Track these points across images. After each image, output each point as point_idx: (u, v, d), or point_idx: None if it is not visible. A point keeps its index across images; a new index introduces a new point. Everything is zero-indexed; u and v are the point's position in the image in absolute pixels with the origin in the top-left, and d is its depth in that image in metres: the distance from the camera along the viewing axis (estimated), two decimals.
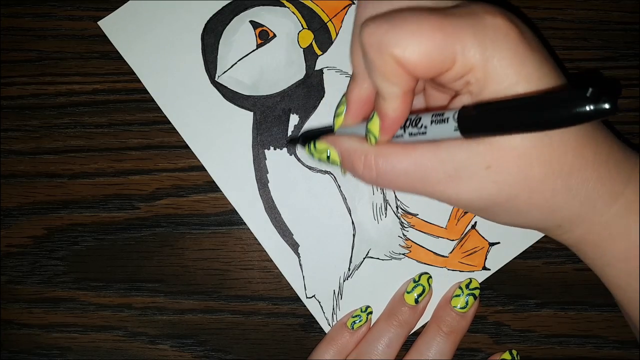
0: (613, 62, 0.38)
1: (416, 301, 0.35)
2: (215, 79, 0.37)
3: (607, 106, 0.20)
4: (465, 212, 0.37)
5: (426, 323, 0.36)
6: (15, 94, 0.38)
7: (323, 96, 0.37)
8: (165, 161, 0.37)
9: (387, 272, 0.36)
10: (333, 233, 0.37)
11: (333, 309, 0.36)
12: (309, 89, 0.37)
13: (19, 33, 0.38)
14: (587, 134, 0.26)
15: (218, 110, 0.37)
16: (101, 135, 0.37)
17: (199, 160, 0.37)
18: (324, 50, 0.37)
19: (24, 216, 0.37)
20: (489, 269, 0.36)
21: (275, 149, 0.37)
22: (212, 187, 0.37)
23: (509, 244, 0.37)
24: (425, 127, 0.26)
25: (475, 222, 0.37)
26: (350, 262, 0.37)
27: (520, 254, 0.37)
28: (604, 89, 0.20)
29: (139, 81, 0.37)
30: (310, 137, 0.32)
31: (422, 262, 0.37)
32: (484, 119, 0.24)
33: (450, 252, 0.37)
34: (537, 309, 0.37)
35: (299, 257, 0.37)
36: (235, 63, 0.37)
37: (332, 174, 0.37)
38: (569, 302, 0.37)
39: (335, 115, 0.31)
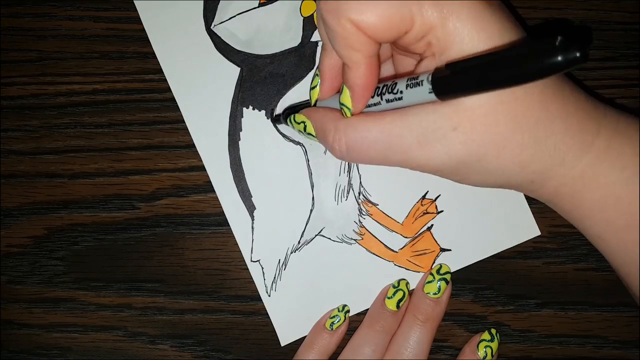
0: (613, 62, 0.38)
1: (397, 306, 0.35)
2: (211, 27, 0.37)
3: (577, 54, 0.19)
4: (425, 213, 0.37)
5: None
6: (15, 94, 0.38)
7: (312, 68, 0.37)
8: (165, 161, 0.37)
9: (335, 253, 0.37)
10: (291, 204, 0.37)
11: (274, 277, 0.36)
12: (301, 59, 0.37)
13: (19, 33, 0.38)
14: (553, 87, 0.26)
15: (207, 58, 0.37)
16: (101, 135, 0.37)
17: (199, 160, 0.37)
18: None
19: (24, 216, 0.37)
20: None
21: (254, 109, 0.37)
22: (212, 187, 0.37)
23: (459, 253, 0.37)
24: (401, 92, 0.26)
25: (432, 225, 0.37)
26: (302, 236, 0.37)
27: (520, 254, 0.37)
28: (573, 37, 0.19)
29: (140, 81, 0.37)
30: (292, 110, 0.33)
31: (371, 252, 0.37)
32: (457, 79, 0.24)
33: (401, 249, 0.37)
34: (537, 309, 0.37)
35: (252, 219, 0.37)
36: (234, 16, 0.37)
37: (303, 146, 0.37)
38: (569, 302, 0.37)
39: (311, 88, 0.32)
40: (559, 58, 0.19)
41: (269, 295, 0.36)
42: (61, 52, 0.38)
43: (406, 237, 0.37)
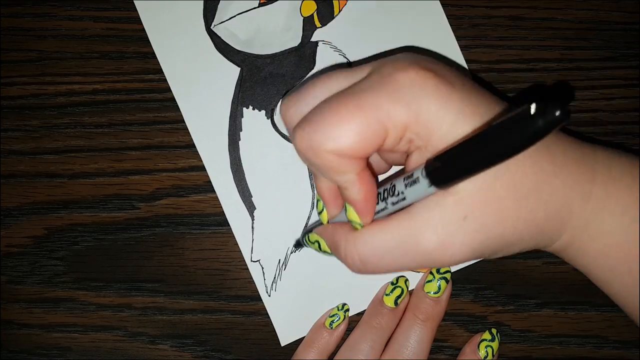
0: (613, 62, 0.38)
1: (395, 303, 0.35)
2: (211, 27, 0.37)
3: (557, 114, 0.19)
4: None
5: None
6: (15, 94, 0.38)
7: (312, 68, 0.37)
8: (165, 161, 0.37)
9: None
10: (291, 204, 0.37)
11: (274, 277, 0.37)
12: (300, 59, 0.37)
13: (19, 33, 0.38)
14: (538, 146, 0.26)
15: (207, 58, 0.37)
16: (101, 135, 0.37)
17: (199, 161, 0.37)
18: (323, 24, 0.37)
19: (24, 216, 0.37)
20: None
21: (254, 109, 0.37)
22: (212, 187, 0.37)
23: None
24: (402, 192, 0.26)
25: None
26: (302, 236, 0.37)
27: (520, 254, 0.37)
28: (549, 99, 0.19)
29: (140, 81, 0.37)
30: (310, 231, 0.33)
31: None
32: (450, 168, 0.24)
33: None
34: (537, 309, 0.37)
35: (252, 219, 0.37)
36: (234, 16, 0.37)
37: None
38: (569, 302, 0.37)
39: (318, 213, 0.32)
40: (539, 123, 0.19)
41: (269, 295, 0.36)
42: (61, 52, 0.38)
43: None
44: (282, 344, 0.37)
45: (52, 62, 0.38)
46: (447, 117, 0.25)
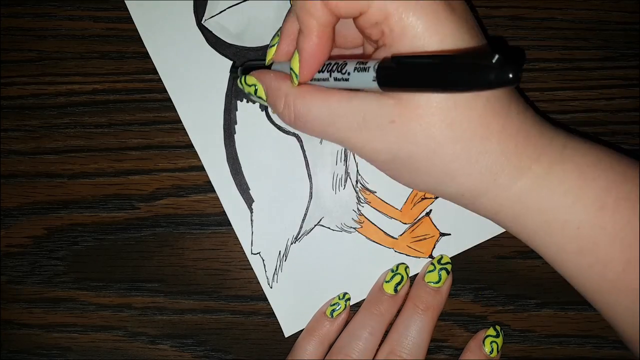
0: (613, 62, 0.38)
1: (395, 290, 0.35)
2: (202, 22, 0.37)
3: (510, 76, 0.20)
4: (423, 198, 0.37)
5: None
6: (15, 94, 0.38)
7: None
8: (165, 161, 0.37)
9: (335, 243, 0.37)
10: (289, 195, 0.37)
11: (275, 269, 0.37)
12: None
13: (19, 33, 0.38)
14: (498, 104, 0.26)
15: (199, 53, 0.37)
16: (101, 135, 0.37)
17: (199, 160, 0.37)
18: None
19: (24, 216, 0.37)
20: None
21: (248, 101, 0.37)
22: (212, 187, 0.37)
23: (460, 236, 0.37)
24: (349, 73, 0.27)
25: (430, 210, 0.37)
26: (301, 227, 0.37)
27: (521, 254, 0.37)
28: (510, 58, 0.20)
29: (140, 81, 0.37)
30: (248, 68, 0.33)
31: (371, 240, 0.37)
32: (400, 73, 0.24)
33: (401, 235, 0.37)
34: (537, 309, 0.37)
35: (251, 212, 0.37)
36: (225, 10, 0.37)
37: (298, 137, 0.37)
38: (569, 302, 0.37)
39: (269, 47, 0.32)
40: (492, 76, 0.20)
41: (271, 287, 0.37)
42: (61, 52, 0.38)
43: (405, 224, 0.37)
44: (286, 335, 0.37)
45: (52, 62, 0.38)
46: (425, 30, 0.25)
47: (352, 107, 0.27)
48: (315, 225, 0.37)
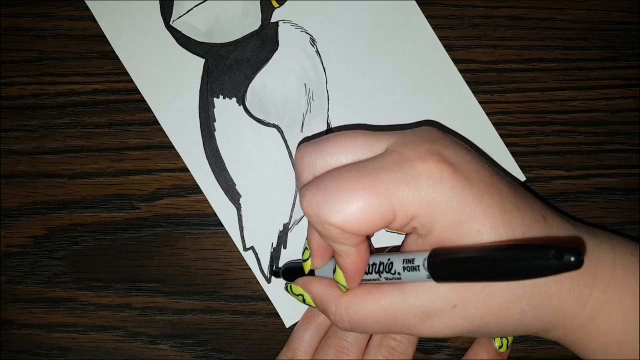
0: (613, 62, 0.38)
1: None
2: (170, 23, 0.37)
3: (572, 259, 0.20)
4: None
5: None
6: (15, 94, 0.38)
7: (276, 49, 0.37)
8: (165, 161, 0.37)
9: None
10: (276, 187, 0.37)
11: (270, 261, 0.37)
12: (263, 41, 0.37)
13: (19, 33, 0.38)
14: None
15: (170, 54, 0.37)
16: (101, 135, 0.37)
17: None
18: (280, 3, 0.37)
19: (24, 216, 0.37)
20: None
21: (224, 97, 0.37)
22: None
23: None
24: (399, 273, 0.27)
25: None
26: (291, 217, 0.37)
27: None
28: (567, 247, 0.21)
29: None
30: (290, 271, 0.34)
31: None
32: (454, 269, 0.25)
33: None
34: None
35: (239, 208, 0.37)
36: (191, 9, 0.37)
37: (279, 127, 0.37)
38: None
39: (303, 261, 0.32)
40: (553, 263, 0.21)
41: (269, 282, 0.37)
42: (61, 52, 0.38)
43: None
44: (287, 326, 0.37)
45: (52, 62, 0.38)
46: (454, 215, 0.25)
47: (408, 304, 0.27)
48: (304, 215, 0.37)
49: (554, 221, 0.28)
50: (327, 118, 0.37)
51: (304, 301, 0.32)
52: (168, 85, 0.37)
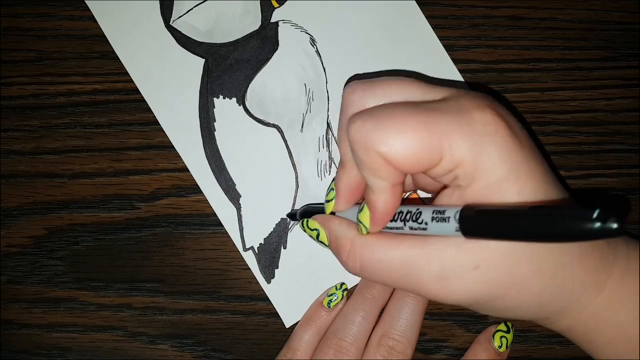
0: (613, 62, 0.38)
1: None
2: (170, 23, 0.37)
3: (614, 226, 0.19)
4: None
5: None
6: (15, 94, 0.38)
7: (276, 49, 0.37)
8: (165, 161, 0.37)
9: None
10: (276, 186, 0.37)
11: (270, 261, 0.37)
12: (263, 41, 0.37)
13: (19, 33, 0.38)
14: None
15: (170, 54, 0.37)
16: (101, 135, 0.37)
17: None
18: (280, 3, 0.37)
19: (24, 216, 0.37)
20: None
21: (224, 97, 0.37)
22: None
23: None
24: (426, 223, 0.26)
25: (416, 189, 0.37)
26: None
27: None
28: (611, 209, 0.19)
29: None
30: (308, 213, 0.33)
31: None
32: (487, 224, 0.23)
33: None
34: None
35: (239, 208, 0.37)
36: (191, 9, 0.37)
37: (279, 127, 0.37)
38: None
39: (326, 201, 0.31)
40: (596, 226, 0.20)
41: (268, 283, 0.37)
42: (61, 52, 0.38)
43: None
44: (287, 326, 0.37)
45: (52, 62, 0.38)
46: (501, 170, 0.25)
47: (428, 256, 0.26)
48: None
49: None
50: (327, 118, 0.37)
51: (317, 238, 0.31)
52: (168, 85, 0.37)
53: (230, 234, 0.37)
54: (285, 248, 0.37)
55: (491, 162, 0.25)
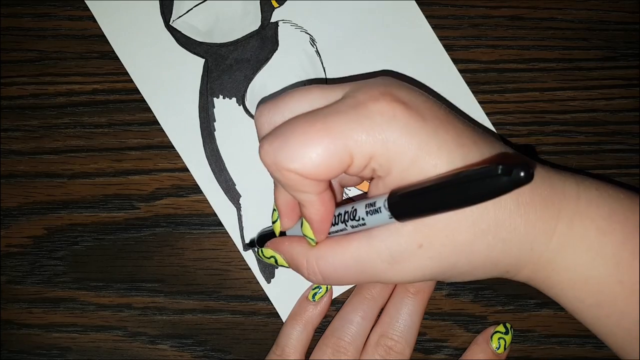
0: (613, 62, 0.38)
1: None
2: (170, 23, 0.37)
3: (522, 174, 0.20)
4: None
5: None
6: (15, 94, 0.38)
7: (276, 49, 0.37)
8: (165, 161, 0.37)
9: None
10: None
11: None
12: (263, 41, 0.37)
13: (19, 33, 0.38)
14: None
15: (170, 54, 0.37)
16: (101, 135, 0.37)
17: None
18: (280, 3, 0.38)
19: (24, 216, 0.37)
20: None
21: (224, 97, 0.37)
22: None
23: None
24: (363, 218, 0.27)
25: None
26: None
27: None
28: (514, 163, 0.20)
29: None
30: (263, 237, 0.34)
31: None
32: (412, 204, 0.25)
33: None
34: (537, 309, 0.37)
35: (239, 208, 0.37)
36: (191, 9, 0.37)
37: None
38: None
39: (272, 222, 0.32)
40: (503, 180, 0.20)
41: (269, 283, 0.37)
42: (61, 52, 0.38)
43: None
44: None
45: (52, 62, 0.38)
46: (410, 152, 0.25)
47: (376, 249, 0.27)
48: None
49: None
50: None
51: (276, 263, 0.32)
52: (168, 85, 0.37)
53: (230, 233, 0.37)
54: None
55: (398, 147, 0.25)
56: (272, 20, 0.37)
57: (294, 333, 0.35)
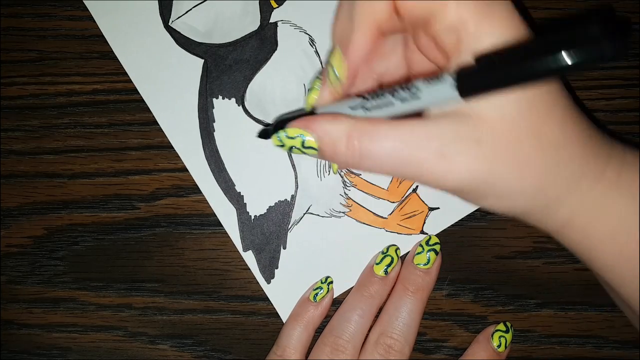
0: (613, 62, 0.38)
1: (385, 272, 0.35)
2: (169, 24, 0.37)
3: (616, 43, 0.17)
4: None
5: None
6: (15, 94, 0.38)
7: (275, 49, 0.37)
8: (165, 161, 0.37)
9: (326, 229, 0.37)
10: (275, 187, 0.37)
11: (270, 261, 0.37)
12: (262, 42, 0.37)
13: (19, 33, 0.38)
14: (572, 110, 0.26)
15: (169, 55, 0.37)
16: (101, 135, 0.38)
17: None
18: (279, 3, 0.38)
19: (24, 216, 0.37)
20: (427, 234, 0.37)
21: (223, 98, 0.37)
22: None
23: (448, 210, 0.37)
24: (419, 89, 0.24)
25: (417, 186, 0.37)
26: (290, 217, 0.37)
27: (521, 254, 0.37)
28: (608, 25, 0.17)
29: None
30: (282, 124, 0.29)
31: (361, 222, 0.37)
32: (484, 73, 0.21)
33: (390, 214, 0.37)
34: (537, 309, 0.37)
35: (239, 208, 0.37)
36: (190, 9, 0.37)
37: None
38: (569, 302, 0.37)
39: (307, 92, 0.29)
40: (599, 46, 0.18)
41: (268, 283, 0.37)
42: (61, 52, 0.38)
43: (393, 202, 0.37)
44: None
45: (52, 62, 0.38)
46: (503, 29, 0.23)
47: (428, 133, 0.24)
48: (304, 214, 0.37)
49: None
50: None
51: (302, 145, 0.27)
52: (167, 85, 0.37)
53: (230, 234, 0.37)
54: (285, 248, 0.37)
55: (494, 21, 0.23)
56: (272, 20, 0.37)
57: (295, 333, 0.35)
